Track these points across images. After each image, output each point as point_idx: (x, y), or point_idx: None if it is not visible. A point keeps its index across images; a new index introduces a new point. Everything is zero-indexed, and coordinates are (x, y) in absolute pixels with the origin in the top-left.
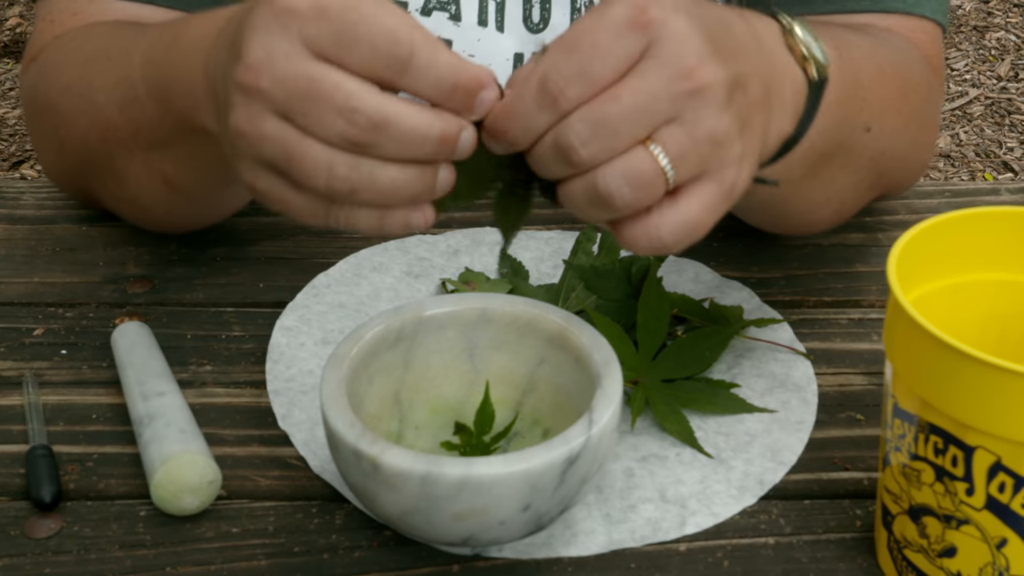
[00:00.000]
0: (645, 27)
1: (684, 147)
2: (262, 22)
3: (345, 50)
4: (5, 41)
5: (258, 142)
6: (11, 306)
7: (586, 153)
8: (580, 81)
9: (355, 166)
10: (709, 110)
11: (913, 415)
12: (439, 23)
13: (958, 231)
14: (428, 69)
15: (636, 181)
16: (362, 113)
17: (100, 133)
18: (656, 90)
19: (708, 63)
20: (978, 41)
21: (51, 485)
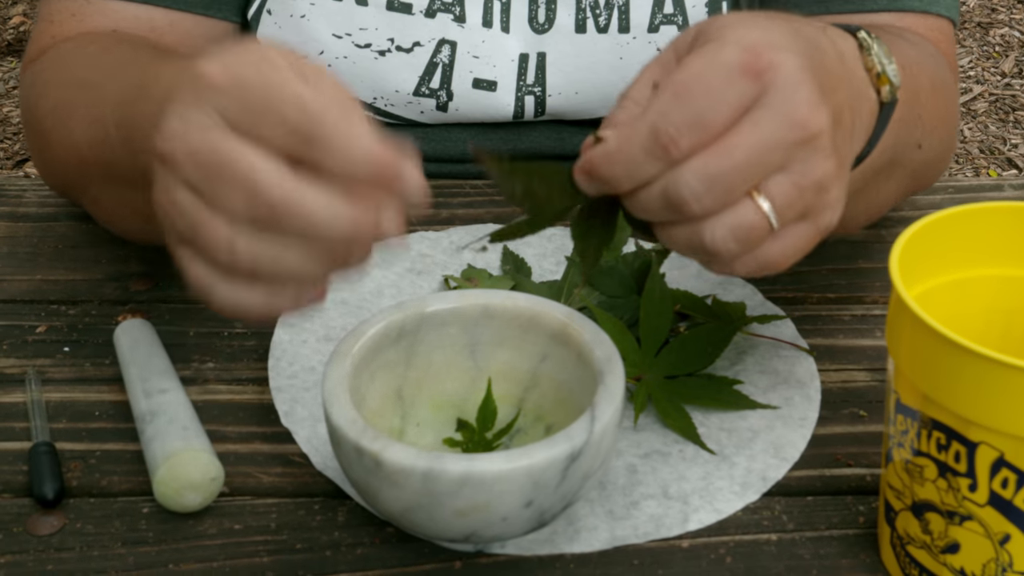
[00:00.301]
0: (760, 73)
1: (791, 197)
2: (181, 92)
3: (256, 123)
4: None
5: (171, 211)
6: (14, 303)
7: (698, 208)
8: (693, 130)
9: (256, 244)
10: (817, 157)
11: (916, 411)
12: (443, 25)
13: (961, 227)
14: (336, 146)
15: (742, 234)
16: (263, 195)
17: (76, 164)
18: (771, 141)
19: (819, 110)
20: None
21: (54, 482)
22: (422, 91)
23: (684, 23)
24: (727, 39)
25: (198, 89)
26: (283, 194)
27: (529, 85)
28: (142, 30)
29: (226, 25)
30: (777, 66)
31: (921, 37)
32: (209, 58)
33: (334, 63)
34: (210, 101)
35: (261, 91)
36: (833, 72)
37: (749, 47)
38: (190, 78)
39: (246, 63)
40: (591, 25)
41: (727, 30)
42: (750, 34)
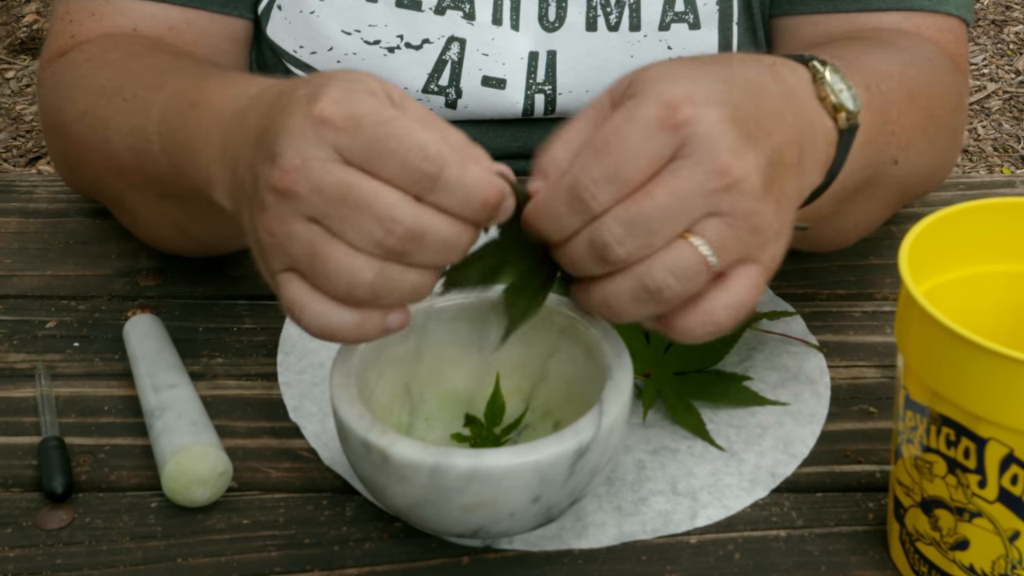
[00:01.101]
0: (677, 128)
1: (724, 236)
2: (298, 128)
3: (376, 162)
4: (22, 38)
5: (287, 241)
6: (24, 299)
7: (623, 251)
8: (611, 184)
9: (381, 271)
10: (746, 200)
11: (925, 407)
12: (453, 22)
13: (970, 222)
14: (456, 187)
15: (681, 272)
16: (401, 223)
17: (113, 173)
18: (690, 189)
19: (743, 155)
20: (996, 35)
21: (63, 477)
22: (431, 88)
23: (695, 21)
24: (648, 94)
25: (314, 127)
26: (418, 222)
27: (539, 83)
28: (160, 29)
29: (242, 22)
30: (695, 119)
31: (923, 39)
32: (318, 94)
33: (343, 59)
34: (328, 139)
35: (380, 132)
36: (773, 111)
37: (667, 102)
38: (301, 114)
39: (358, 101)
40: (602, 23)
41: (650, 84)
42: (671, 88)
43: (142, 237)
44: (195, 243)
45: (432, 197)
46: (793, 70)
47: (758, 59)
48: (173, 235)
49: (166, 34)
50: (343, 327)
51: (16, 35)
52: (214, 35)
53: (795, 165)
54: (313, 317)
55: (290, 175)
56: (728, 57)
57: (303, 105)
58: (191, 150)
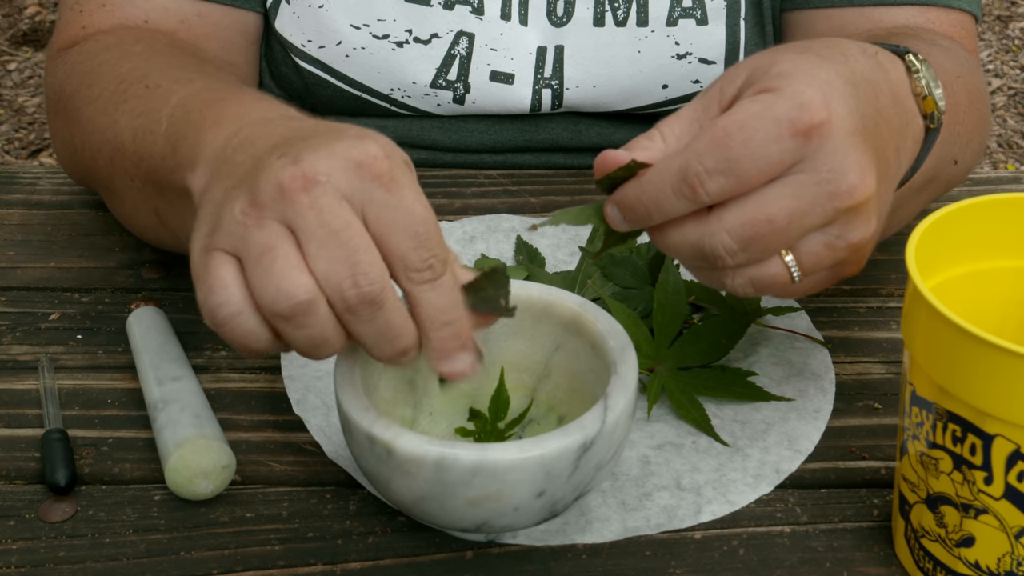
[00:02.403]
0: (807, 135)
1: (821, 256)
2: (342, 154)
3: (389, 230)
4: (24, 30)
5: (253, 228)
6: (27, 291)
7: (732, 262)
8: (724, 177)
9: (312, 302)
10: (859, 221)
11: (931, 403)
12: (461, 17)
13: (977, 218)
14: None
15: (762, 285)
16: (372, 284)
17: (111, 152)
18: (813, 208)
19: (867, 176)
20: (1001, 31)
21: (66, 469)
22: (439, 83)
23: (703, 16)
24: (784, 91)
25: (355, 164)
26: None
27: (547, 78)
28: (171, 21)
29: (253, 16)
30: (828, 129)
31: (946, 36)
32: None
33: (351, 54)
34: (358, 181)
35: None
36: (884, 115)
37: (803, 104)
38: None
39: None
40: (609, 18)
41: (786, 80)
42: (807, 90)
43: (127, 225)
44: (171, 236)
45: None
46: (892, 62)
47: (863, 48)
48: (152, 223)
49: (178, 27)
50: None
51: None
52: (225, 28)
53: (895, 171)
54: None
55: (304, 182)
56: (843, 46)
57: (354, 139)
58: (198, 129)
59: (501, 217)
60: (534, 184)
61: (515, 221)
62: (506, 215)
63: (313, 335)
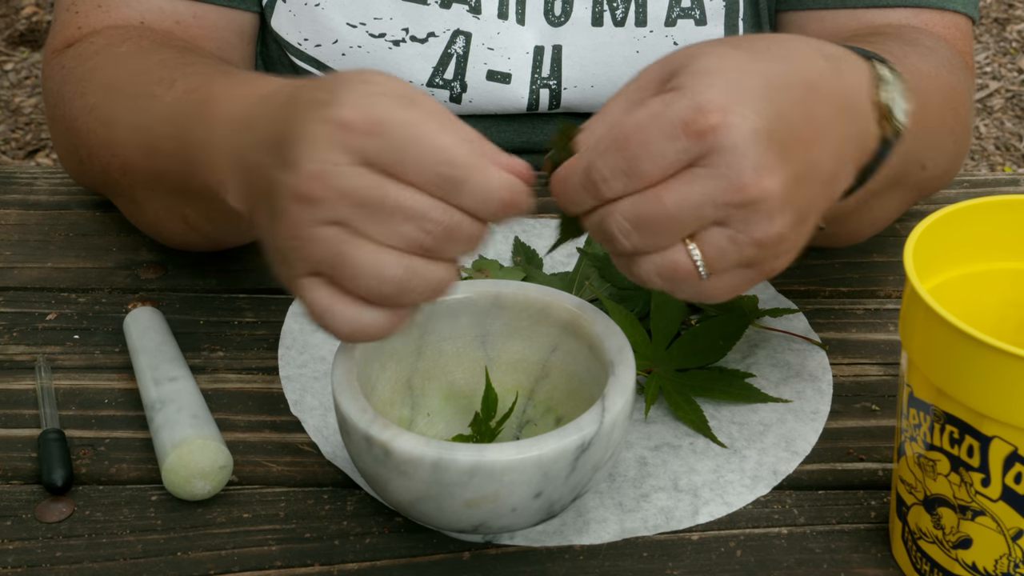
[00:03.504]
0: (702, 135)
1: (724, 250)
2: (318, 134)
3: (401, 167)
4: (21, 30)
5: (308, 245)
6: (24, 291)
7: (627, 244)
8: (625, 177)
9: (409, 266)
10: (759, 218)
11: (929, 404)
12: (458, 16)
13: (975, 219)
14: (478, 192)
15: (667, 274)
16: (437, 223)
17: (121, 168)
18: (702, 200)
19: (766, 175)
20: (999, 34)
21: (63, 469)
22: (436, 82)
23: (701, 16)
24: (685, 91)
25: (335, 132)
26: (452, 220)
27: (544, 78)
28: (167, 22)
29: (249, 16)
30: (724, 128)
31: (937, 37)
32: (335, 98)
33: (348, 52)
34: (350, 144)
35: (403, 137)
36: (818, 120)
37: (700, 105)
38: (319, 119)
39: (377, 104)
40: (608, 18)
41: (691, 79)
42: (709, 91)
43: (148, 232)
44: (204, 238)
45: (455, 199)
46: (856, 67)
47: (823, 50)
48: (181, 229)
49: (173, 27)
50: (373, 326)
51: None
52: (221, 29)
53: (829, 179)
54: (345, 321)
55: (313, 181)
56: (794, 46)
57: (320, 110)
58: (201, 151)
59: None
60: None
61: (512, 222)
62: None
63: (429, 287)
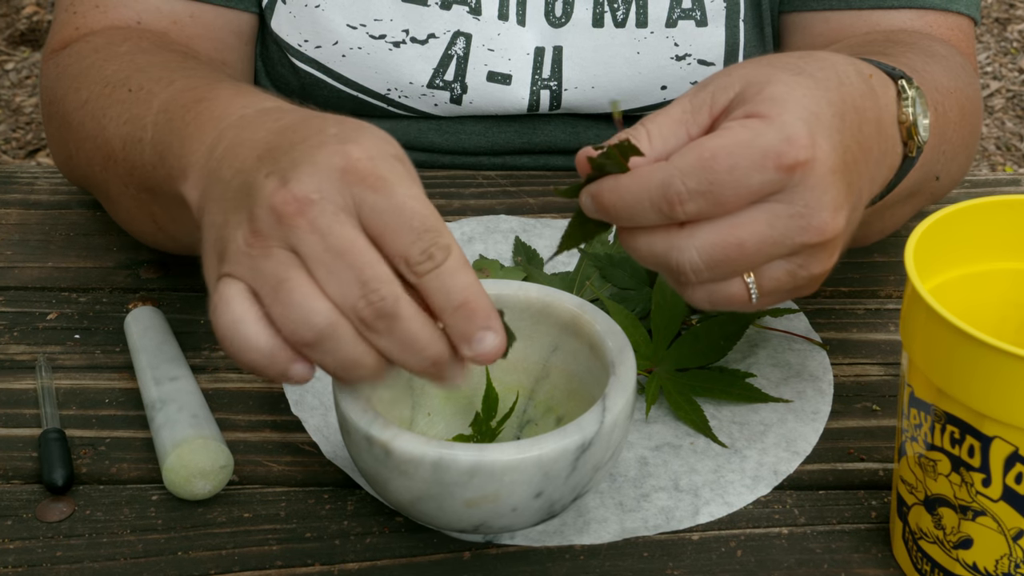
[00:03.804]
0: (791, 170)
1: (781, 281)
2: (325, 165)
3: (388, 232)
4: (22, 30)
5: (260, 259)
6: (25, 290)
7: (695, 279)
8: (704, 200)
9: (336, 324)
10: (823, 256)
11: (930, 404)
12: (459, 17)
13: (976, 219)
14: (447, 281)
15: (719, 301)
16: (382, 298)
17: (102, 161)
18: (783, 239)
19: (839, 215)
20: (1000, 34)
21: (63, 469)
22: (436, 83)
23: (702, 18)
24: (773, 121)
25: (342, 171)
26: (398, 305)
27: (545, 79)
28: (164, 22)
29: (247, 16)
30: (811, 166)
31: (946, 42)
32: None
33: (348, 54)
34: (350, 189)
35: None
36: (866, 146)
37: (790, 138)
38: (331, 151)
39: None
40: (608, 19)
41: (776, 108)
42: (796, 123)
43: (125, 228)
44: (172, 240)
45: (426, 280)
46: (884, 85)
47: (859, 69)
48: (151, 229)
49: (170, 27)
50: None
51: (16, 27)
52: (219, 29)
53: (866, 201)
54: (233, 318)
55: (298, 205)
56: (839, 66)
57: (334, 143)
58: (180, 139)
59: (500, 218)
60: (532, 185)
61: (513, 222)
62: (504, 216)
63: (342, 358)
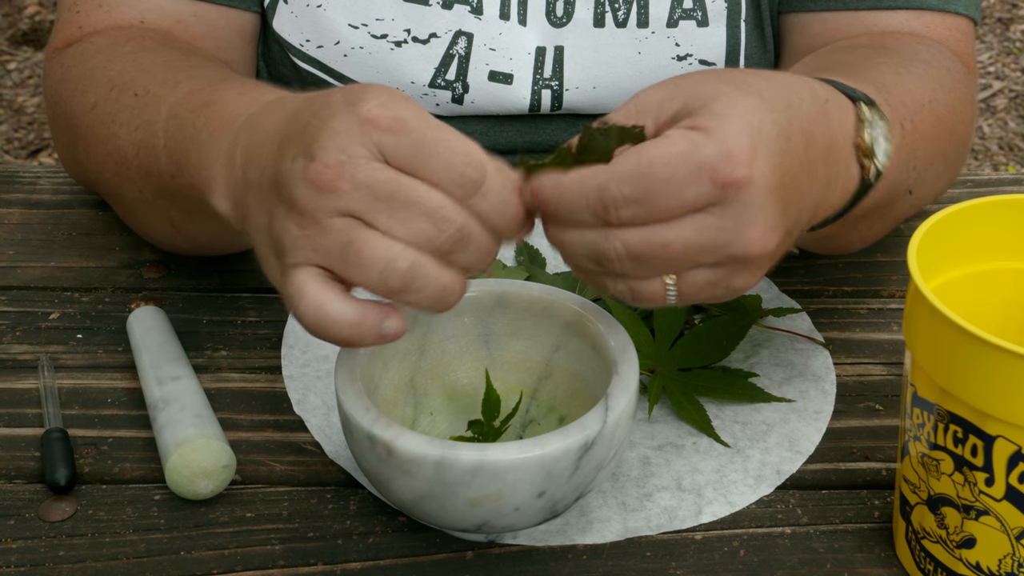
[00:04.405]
0: (726, 186)
1: (700, 290)
2: (342, 127)
3: (422, 164)
4: (24, 29)
5: (318, 234)
6: (27, 290)
7: (617, 269)
8: (636, 207)
9: (417, 262)
10: (746, 274)
11: (932, 404)
12: (460, 16)
13: (979, 219)
14: (498, 195)
15: (637, 297)
16: (452, 223)
17: (115, 166)
18: (709, 247)
19: (770, 237)
20: (1002, 33)
21: (66, 468)
22: (438, 83)
23: (703, 18)
24: (714, 135)
25: (360, 125)
26: (468, 224)
27: (546, 79)
28: (167, 21)
29: (250, 16)
30: (747, 183)
31: (938, 44)
32: (360, 97)
33: (350, 53)
34: (372, 139)
35: (427, 136)
36: (810, 168)
37: (729, 154)
38: (344, 113)
39: (401, 105)
40: (609, 19)
41: (718, 122)
42: (737, 138)
43: (139, 233)
44: (189, 242)
45: (473, 202)
46: (842, 109)
47: (815, 92)
48: (168, 233)
49: (174, 27)
50: (340, 319)
51: (18, 26)
52: (222, 28)
53: (805, 226)
54: (312, 303)
55: (333, 170)
56: (791, 87)
57: (344, 107)
58: (196, 147)
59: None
60: None
61: None
62: None
63: (432, 291)
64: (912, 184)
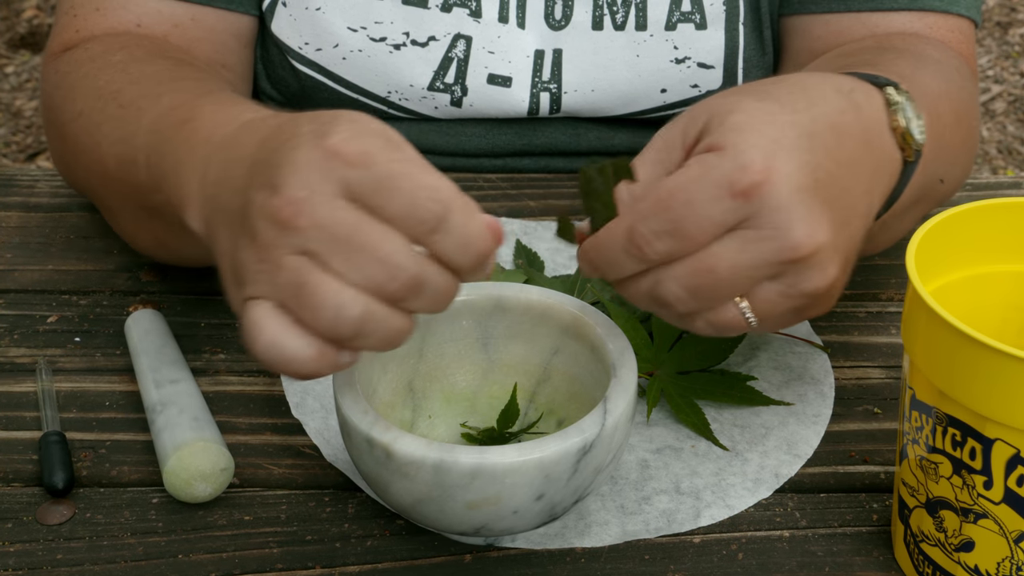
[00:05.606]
0: (748, 195)
1: (775, 303)
2: (304, 160)
3: (385, 200)
4: (22, 33)
5: (274, 270)
6: (25, 293)
7: (683, 308)
8: (670, 238)
9: (368, 308)
10: (812, 272)
11: (931, 407)
12: (459, 19)
13: (978, 222)
14: (461, 231)
15: (719, 327)
16: (405, 271)
17: (99, 176)
18: (756, 263)
19: (816, 228)
20: (1001, 37)
21: (64, 472)
22: (436, 86)
23: (702, 21)
24: (726, 151)
25: (324, 159)
26: (422, 272)
27: (545, 82)
28: (164, 25)
29: (247, 19)
30: (767, 189)
31: (943, 44)
32: (327, 129)
33: (348, 56)
34: (336, 173)
35: (391, 171)
36: (850, 162)
37: (743, 165)
38: (310, 146)
39: (368, 139)
40: (608, 22)
41: (730, 136)
42: (750, 150)
43: (127, 240)
44: (172, 255)
45: (434, 239)
46: (869, 96)
47: (838, 85)
48: (152, 244)
49: (171, 31)
50: (296, 357)
51: (16, 30)
52: (219, 32)
53: (865, 214)
54: (268, 341)
55: (293, 207)
56: (812, 88)
57: (311, 138)
58: (173, 165)
59: (500, 220)
60: (533, 188)
61: (514, 225)
62: (505, 218)
63: (383, 335)
64: (943, 172)
